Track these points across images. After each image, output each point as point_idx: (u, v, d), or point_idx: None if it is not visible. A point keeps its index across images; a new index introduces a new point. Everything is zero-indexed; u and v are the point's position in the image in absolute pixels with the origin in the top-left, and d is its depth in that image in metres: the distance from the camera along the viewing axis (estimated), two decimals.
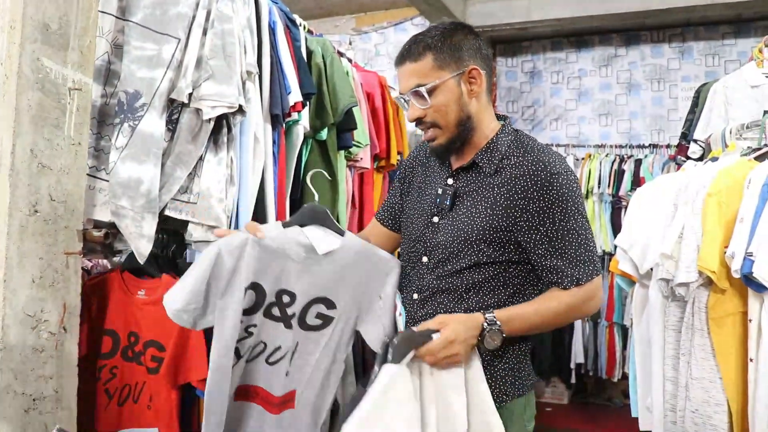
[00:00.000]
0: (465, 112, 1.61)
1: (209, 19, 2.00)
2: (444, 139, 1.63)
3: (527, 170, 1.57)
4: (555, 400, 5.56)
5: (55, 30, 1.85)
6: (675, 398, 1.97)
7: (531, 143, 1.65)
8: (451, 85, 1.58)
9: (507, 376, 1.64)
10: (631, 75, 6.07)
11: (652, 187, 2.20)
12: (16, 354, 1.76)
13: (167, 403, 2.00)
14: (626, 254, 2.12)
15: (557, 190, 1.55)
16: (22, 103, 1.77)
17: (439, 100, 1.58)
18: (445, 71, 1.58)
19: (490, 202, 1.60)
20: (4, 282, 1.74)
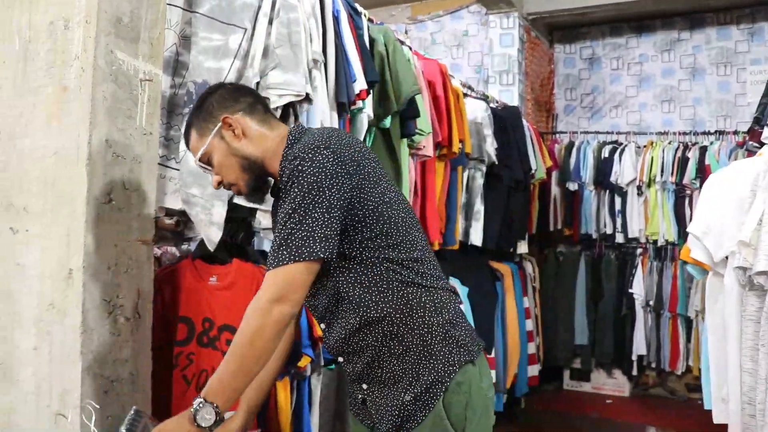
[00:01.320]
0: (240, 156, 1.64)
1: (275, 8, 2.02)
2: (243, 188, 1.67)
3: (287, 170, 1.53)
4: (616, 392, 5.47)
5: (126, 23, 1.89)
6: (753, 390, 1.91)
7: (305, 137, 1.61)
8: (216, 143, 1.64)
9: (444, 347, 1.60)
10: (695, 59, 5.89)
11: (727, 173, 2.13)
12: (95, 337, 1.82)
13: None
14: (699, 242, 2.06)
15: (290, 172, 1.51)
16: (97, 95, 1.82)
17: (216, 161, 1.65)
18: (206, 136, 1.64)
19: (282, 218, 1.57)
20: (84, 268, 1.80)
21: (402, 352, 1.60)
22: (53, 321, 1.84)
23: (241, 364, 1.49)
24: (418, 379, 1.59)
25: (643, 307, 5.23)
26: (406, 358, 1.60)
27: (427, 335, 1.60)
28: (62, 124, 1.86)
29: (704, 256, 2.07)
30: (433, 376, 1.59)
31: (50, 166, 1.87)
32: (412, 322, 1.59)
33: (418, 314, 1.60)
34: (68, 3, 1.87)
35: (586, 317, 5.36)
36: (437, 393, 1.58)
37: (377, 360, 1.62)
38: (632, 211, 5.31)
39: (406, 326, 1.59)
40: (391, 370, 1.62)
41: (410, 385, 1.60)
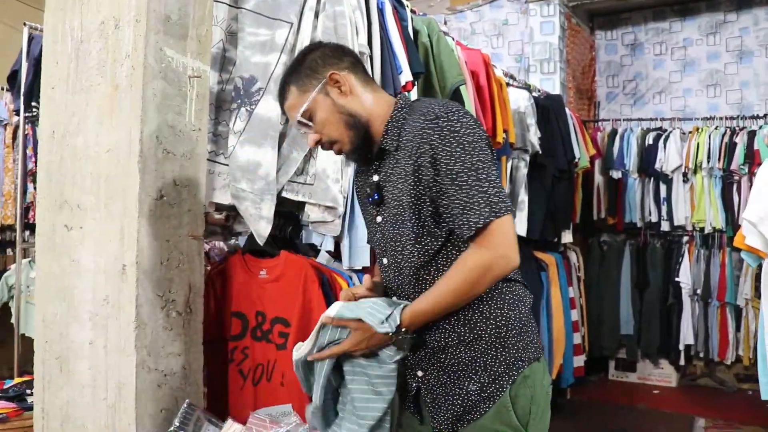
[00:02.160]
0: (346, 113, 1.62)
1: (320, 1, 2.02)
2: (347, 146, 1.65)
3: (416, 129, 1.55)
4: (662, 383, 5.37)
5: (175, 21, 1.91)
6: None
7: (418, 105, 1.62)
8: (320, 99, 1.61)
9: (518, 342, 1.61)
10: (742, 42, 5.72)
11: None
12: (148, 332, 1.85)
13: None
14: (755, 228, 2.01)
15: (438, 133, 1.51)
16: (147, 92, 1.85)
17: (319, 118, 1.62)
18: (309, 92, 1.61)
19: (403, 176, 1.58)
20: (137, 264, 1.83)
21: (472, 339, 1.59)
22: (108, 315, 1.88)
23: (452, 304, 1.55)
24: (485, 369, 1.59)
25: (690, 296, 5.11)
26: (475, 346, 1.59)
27: (503, 327, 1.59)
28: (114, 122, 1.89)
29: (760, 243, 2.02)
30: (502, 367, 1.59)
31: (103, 163, 1.90)
32: (489, 311, 1.59)
33: (497, 305, 1.60)
34: (118, 3, 1.89)
35: (632, 307, 5.27)
36: (504, 385, 1.58)
37: (444, 345, 1.61)
38: (678, 198, 5.19)
39: (481, 315, 1.59)
40: (457, 358, 1.61)
41: (476, 374, 1.59)
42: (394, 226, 1.63)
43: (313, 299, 2.00)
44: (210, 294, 2.12)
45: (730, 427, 4.29)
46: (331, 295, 2.03)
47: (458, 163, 1.49)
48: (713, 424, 4.41)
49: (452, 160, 1.49)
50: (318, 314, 1.99)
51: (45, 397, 2.01)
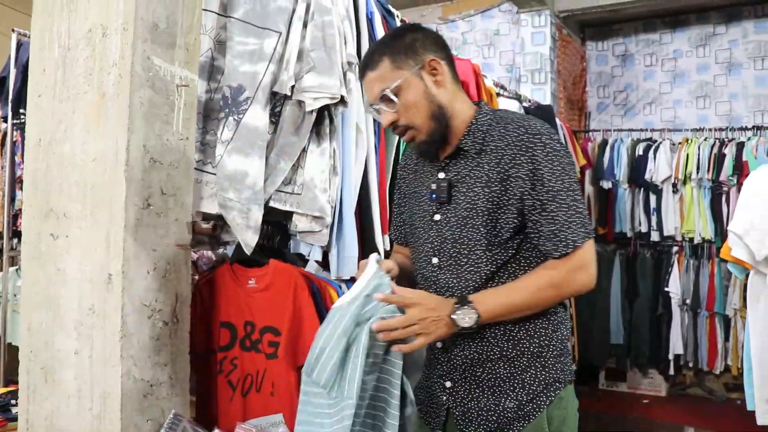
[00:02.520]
0: (435, 103, 1.60)
1: (309, 11, 2.02)
2: (424, 135, 1.62)
3: (511, 139, 1.56)
4: (652, 392, 5.39)
5: (163, 29, 1.91)
6: None
7: (510, 116, 1.63)
8: (413, 81, 1.58)
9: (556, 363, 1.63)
10: (731, 54, 5.78)
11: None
12: (134, 341, 1.83)
13: (288, 386, 2.03)
14: (741, 240, 2.02)
15: (542, 150, 1.53)
16: (134, 101, 1.84)
17: (406, 99, 1.58)
18: (404, 70, 1.58)
19: (485, 181, 1.58)
20: (123, 273, 1.81)
21: (514, 355, 1.59)
22: (94, 325, 1.86)
23: (526, 305, 1.54)
24: (524, 386, 1.59)
25: (679, 306, 5.15)
26: (516, 362, 1.60)
27: (546, 347, 1.61)
28: (101, 130, 1.88)
29: (746, 255, 2.03)
30: (541, 386, 1.59)
31: (89, 172, 1.89)
32: (535, 329, 1.60)
33: (543, 324, 1.61)
34: (106, 10, 1.89)
35: (622, 317, 5.30)
36: (542, 405, 1.59)
37: (483, 359, 1.61)
38: (668, 208, 5.23)
39: (526, 332, 1.60)
40: (495, 373, 1.61)
41: (513, 391, 1.59)
42: (460, 228, 1.61)
43: (303, 307, 1.99)
44: (198, 304, 2.11)
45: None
46: (322, 304, 2.03)
47: (559, 181, 1.51)
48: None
49: (554, 177, 1.51)
50: (309, 323, 2.00)
51: (30, 408, 1.99)
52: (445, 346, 1.66)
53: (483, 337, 1.60)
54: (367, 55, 1.64)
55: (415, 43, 1.59)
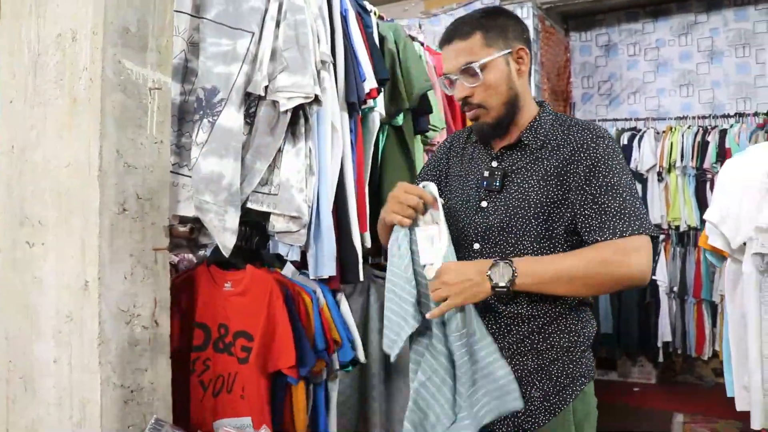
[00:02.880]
0: (513, 91, 1.63)
1: (281, 10, 2.00)
2: (490, 119, 1.63)
3: (572, 138, 1.59)
4: (643, 380, 5.43)
5: (134, 32, 1.89)
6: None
7: (572, 120, 1.67)
8: (500, 63, 1.60)
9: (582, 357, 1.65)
10: (713, 42, 5.79)
11: (744, 158, 2.09)
12: (112, 348, 1.82)
13: (258, 392, 2.05)
14: (717, 228, 2.02)
15: (603, 150, 1.55)
16: (106, 106, 1.82)
17: (489, 78, 1.59)
18: (493, 49, 1.59)
19: (542, 174, 1.59)
20: (99, 279, 1.80)
21: (544, 348, 1.61)
22: (72, 332, 1.85)
23: (571, 274, 1.50)
24: (551, 378, 1.62)
25: (667, 294, 5.17)
26: (545, 355, 1.62)
27: (575, 342, 1.63)
28: (73, 136, 1.86)
29: (722, 243, 2.04)
30: (568, 380, 1.62)
31: (63, 178, 1.88)
32: (565, 325, 1.62)
33: (573, 320, 1.63)
34: (75, 15, 1.87)
35: (610, 306, 5.32)
36: (568, 398, 1.61)
37: (513, 352, 1.63)
38: (653, 197, 5.25)
39: (557, 326, 1.62)
40: (523, 365, 1.62)
41: (540, 382, 1.61)
42: (509, 217, 1.61)
43: (277, 314, 1.99)
44: (174, 304, 2.10)
45: (707, 421, 4.34)
46: (295, 310, 2.04)
47: (616, 176, 1.52)
48: (691, 419, 4.46)
49: (612, 173, 1.52)
50: (282, 330, 2.00)
51: (10, 418, 1.98)
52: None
53: (516, 332, 1.62)
54: (457, 23, 1.64)
55: (507, 27, 1.62)
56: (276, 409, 2.12)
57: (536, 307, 1.62)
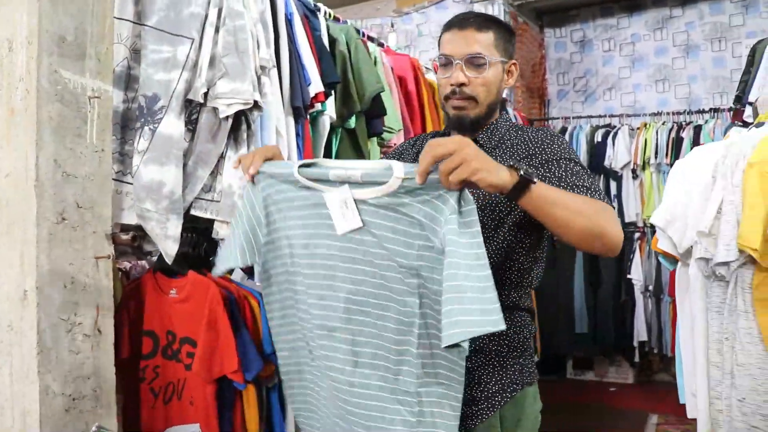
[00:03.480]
0: (498, 97, 1.69)
1: (221, 16, 2.00)
2: (474, 114, 1.66)
3: (527, 138, 1.63)
4: (620, 380, 5.43)
5: (71, 41, 1.89)
6: (721, 385, 1.87)
7: (525, 126, 1.73)
8: (499, 68, 1.65)
9: (515, 364, 1.64)
10: (688, 36, 5.80)
11: (691, 160, 2.08)
12: (52, 357, 1.82)
13: (204, 398, 2.05)
14: (664, 232, 2.02)
15: (558, 146, 1.58)
16: (42, 116, 1.82)
17: (489, 75, 1.63)
18: (498, 53, 1.64)
19: None
20: (37, 288, 1.80)
21: (473, 351, 1.55)
22: (12, 342, 1.85)
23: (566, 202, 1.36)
24: (479, 383, 1.60)
25: (642, 293, 5.16)
26: (473, 359, 1.59)
27: (505, 347, 1.62)
28: (11, 147, 1.86)
29: (670, 247, 2.04)
30: (497, 387, 1.61)
31: (3, 189, 1.87)
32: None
33: (508, 323, 1.51)
34: (11, 24, 1.86)
35: (585, 305, 5.32)
36: (496, 405, 1.60)
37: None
38: (628, 195, 5.25)
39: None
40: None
41: (469, 386, 1.55)
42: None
43: (218, 319, 1.99)
44: (124, 312, 2.11)
45: (681, 423, 4.34)
46: (238, 315, 2.03)
47: (577, 167, 1.54)
48: (665, 420, 4.46)
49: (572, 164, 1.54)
50: (224, 336, 2.00)
51: None
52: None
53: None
54: (474, 15, 1.69)
55: (510, 41, 1.68)
56: (225, 414, 2.12)
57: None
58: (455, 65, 1.62)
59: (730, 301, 1.83)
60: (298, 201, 1.47)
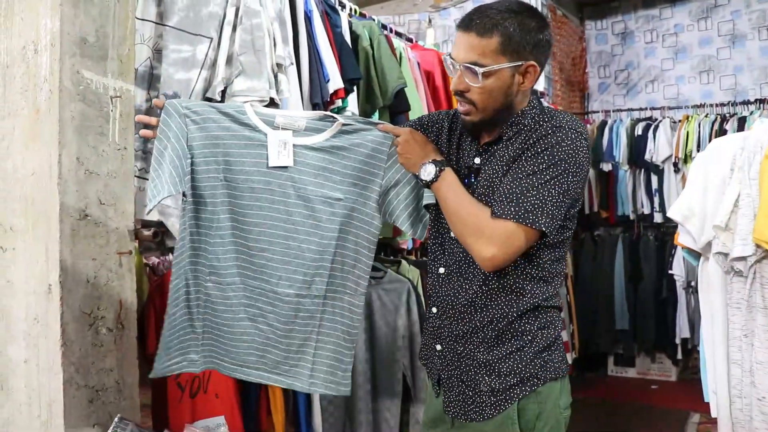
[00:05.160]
0: (508, 102, 1.60)
1: (238, 15, 2.03)
2: (477, 118, 1.62)
3: (536, 127, 1.57)
4: (662, 377, 5.31)
5: (92, 43, 1.94)
6: (741, 383, 1.81)
7: (549, 111, 1.63)
8: (505, 73, 1.55)
9: (536, 359, 1.62)
10: (734, 25, 5.63)
11: (710, 151, 2.02)
12: (75, 349, 1.88)
13: (228, 390, 2.09)
14: (683, 227, 1.97)
15: (552, 139, 1.52)
16: (65, 115, 1.88)
17: (489, 84, 1.55)
18: (504, 58, 1.53)
19: (505, 164, 1.59)
20: (61, 283, 1.86)
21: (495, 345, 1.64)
22: (39, 334, 1.91)
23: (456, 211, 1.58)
24: (499, 375, 1.63)
25: (684, 289, 5.03)
26: (494, 351, 1.63)
27: (529, 343, 1.63)
28: (37, 146, 1.92)
29: (691, 241, 1.98)
30: (516, 380, 1.62)
31: (29, 187, 1.94)
32: (519, 324, 1.63)
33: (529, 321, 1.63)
34: (35, 27, 1.93)
35: (626, 301, 5.22)
36: (514, 397, 1.62)
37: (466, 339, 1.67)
38: (669, 189, 5.12)
39: (509, 326, 1.64)
40: (474, 356, 1.66)
41: (489, 377, 1.63)
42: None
43: None
44: (151, 307, 2.15)
45: None
46: None
47: (541, 165, 1.51)
48: (707, 419, 4.34)
49: (538, 161, 1.52)
50: None
51: None
52: (439, 313, 1.72)
53: (471, 319, 1.64)
54: (482, 14, 1.54)
55: (530, 41, 1.54)
56: (250, 407, 2.15)
57: (492, 298, 1.63)
58: (456, 70, 1.58)
59: (749, 297, 1.78)
60: (243, 139, 1.74)
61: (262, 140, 1.73)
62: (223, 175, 1.75)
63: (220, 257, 1.81)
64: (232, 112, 1.74)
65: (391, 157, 1.75)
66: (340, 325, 1.83)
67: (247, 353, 1.82)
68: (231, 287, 1.81)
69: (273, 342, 1.81)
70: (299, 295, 1.78)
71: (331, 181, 1.74)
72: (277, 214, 1.76)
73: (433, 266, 1.76)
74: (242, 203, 1.76)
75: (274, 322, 1.80)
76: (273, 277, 1.78)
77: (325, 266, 1.78)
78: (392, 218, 1.79)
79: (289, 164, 1.72)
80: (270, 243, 1.78)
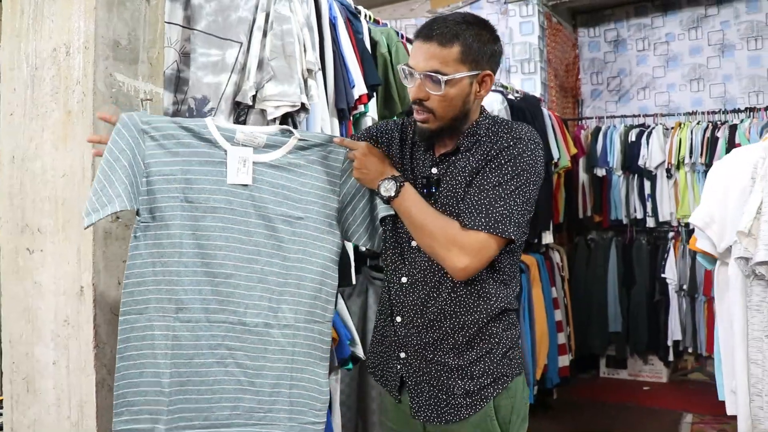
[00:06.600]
0: (465, 109, 1.65)
1: (268, 20, 2.05)
2: (435, 126, 1.65)
3: (495, 139, 1.63)
4: (653, 379, 5.39)
5: (124, 46, 1.95)
6: (762, 382, 1.88)
7: (504, 122, 1.70)
8: (465, 82, 1.60)
9: (504, 358, 1.70)
10: (723, 35, 5.74)
11: (730, 159, 2.08)
12: (108, 351, 1.89)
13: None
14: (703, 232, 2.03)
15: (514, 151, 1.58)
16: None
17: (450, 92, 1.59)
18: (465, 67, 1.58)
19: (466, 176, 1.64)
20: (93, 285, 1.87)
21: (465, 349, 1.68)
22: (69, 336, 1.92)
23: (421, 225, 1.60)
24: (472, 378, 1.68)
25: (676, 292, 5.13)
26: (465, 355, 1.68)
27: (497, 344, 1.69)
28: (68, 147, 1.93)
29: (709, 246, 2.04)
30: (489, 380, 1.68)
31: (59, 188, 1.95)
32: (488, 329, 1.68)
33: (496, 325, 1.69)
34: (68, 30, 1.94)
35: (619, 304, 5.30)
36: (489, 396, 1.68)
37: (436, 347, 1.70)
38: (662, 194, 5.22)
39: (479, 331, 1.68)
40: (445, 362, 1.69)
41: (462, 380, 1.68)
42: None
43: None
44: None
45: (717, 422, 4.31)
46: None
47: (506, 176, 1.56)
48: (700, 419, 4.43)
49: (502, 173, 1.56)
50: None
51: (14, 417, 2.05)
52: (404, 322, 1.74)
53: (441, 326, 1.68)
54: (440, 25, 1.58)
55: (485, 48, 1.60)
56: None
57: (461, 304, 1.68)
58: (415, 79, 1.61)
59: None
60: (203, 156, 1.68)
61: (222, 157, 1.68)
62: (184, 195, 1.66)
63: (187, 288, 1.66)
64: (193, 127, 1.68)
65: (345, 173, 1.74)
66: (313, 359, 1.74)
67: (220, 407, 1.67)
68: (198, 325, 1.66)
69: (245, 385, 1.68)
70: (267, 324, 1.68)
71: (290, 200, 1.71)
72: (239, 235, 1.68)
73: (394, 276, 1.77)
74: (205, 224, 1.67)
75: (243, 359, 1.67)
76: (240, 306, 1.67)
77: (290, 291, 1.70)
78: (349, 233, 1.76)
79: (248, 182, 1.68)
80: (236, 268, 1.67)
